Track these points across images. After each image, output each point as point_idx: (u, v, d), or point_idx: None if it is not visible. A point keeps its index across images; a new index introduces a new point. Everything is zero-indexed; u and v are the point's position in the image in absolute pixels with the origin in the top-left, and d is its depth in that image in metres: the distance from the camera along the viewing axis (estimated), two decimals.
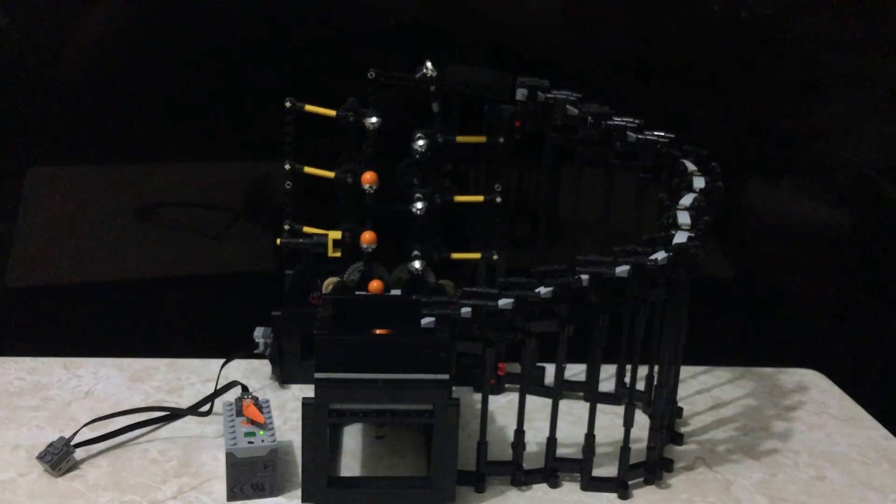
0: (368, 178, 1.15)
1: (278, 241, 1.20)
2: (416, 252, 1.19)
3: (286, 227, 1.20)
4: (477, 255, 1.23)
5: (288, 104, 1.16)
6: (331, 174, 1.18)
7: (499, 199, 1.21)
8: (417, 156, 1.16)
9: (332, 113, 1.16)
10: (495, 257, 1.22)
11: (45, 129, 1.30)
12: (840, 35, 1.36)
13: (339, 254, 1.19)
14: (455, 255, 1.22)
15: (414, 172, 1.19)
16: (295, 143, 1.18)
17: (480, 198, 1.21)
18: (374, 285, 1.18)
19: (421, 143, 1.15)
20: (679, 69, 1.35)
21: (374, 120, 1.14)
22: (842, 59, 1.37)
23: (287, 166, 1.19)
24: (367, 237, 1.17)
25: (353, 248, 1.19)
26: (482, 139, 1.19)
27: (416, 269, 1.18)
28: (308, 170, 1.19)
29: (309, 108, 1.17)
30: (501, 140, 1.18)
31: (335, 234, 1.18)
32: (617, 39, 1.35)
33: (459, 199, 1.21)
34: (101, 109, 1.30)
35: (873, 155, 1.44)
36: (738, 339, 1.44)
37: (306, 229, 1.21)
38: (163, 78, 1.29)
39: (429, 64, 1.13)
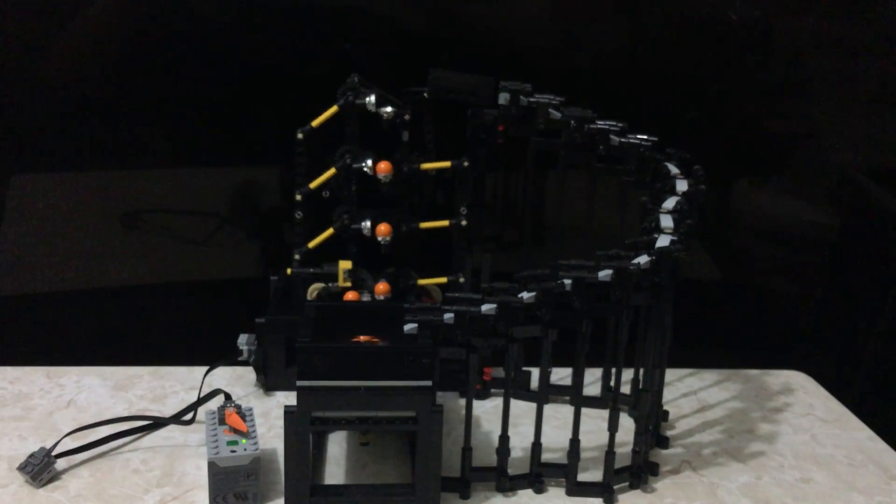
0: (383, 167, 1.14)
1: (288, 270, 1.19)
2: (382, 280, 1.19)
3: (297, 257, 1.19)
4: (443, 280, 1.22)
5: (300, 136, 1.14)
6: (332, 171, 1.16)
7: (464, 223, 1.20)
8: (382, 184, 1.15)
9: (335, 109, 1.14)
10: (461, 280, 1.21)
11: (29, 135, 1.29)
12: (826, 37, 1.37)
13: (349, 284, 1.18)
14: (422, 282, 1.22)
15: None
16: (306, 174, 1.16)
17: (446, 223, 1.20)
18: (350, 296, 1.18)
19: (382, 176, 1.14)
20: (665, 72, 1.35)
21: (373, 99, 1.13)
22: (827, 61, 1.38)
23: (298, 197, 1.17)
24: (383, 229, 1.15)
25: (350, 231, 1.17)
26: (447, 164, 1.17)
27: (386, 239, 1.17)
28: (314, 185, 1.16)
29: (316, 122, 1.15)
30: (466, 163, 1.17)
31: (346, 265, 1.17)
32: (603, 43, 1.35)
33: (425, 225, 1.20)
34: (85, 116, 1.29)
35: (859, 156, 1.44)
36: (724, 342, 1.44)
37: (310, 244, 1.19)
38: (148, 84, 1.29)
39: (388, 109, 1.13)
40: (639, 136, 1.15)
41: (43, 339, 1.34)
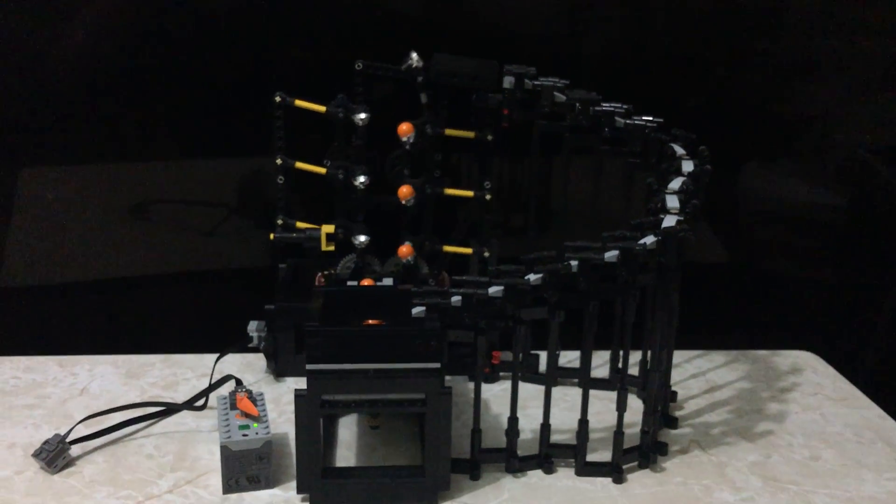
0: (405, 192, 1.15)
1: (271, 235, 1.20)
2: (406, 243, 1.19)
3: (279, 221, 1.20)
4: (468, 250, 1.23)
5: (278, 99, 1.16)
6: (322, 170, 1.18)
7: (488, 196, 1.20)
8: (407, 147, 1.16)
9: (322, 109, 1.16)
10: (487, 254, 1.22)
11: (38, 128, 1.30)
12: (834, 18, 1.36)
13: (332, 247, 1.19)
14: (447, 248, 1.22)
15: (404, 163, 1.19)
16: (286, 138, 1.18)
17: (470, 193, 1.21)
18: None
19: (410, 133, 1.15)
20: (674, 54, 1.35)
21: (363, 116, 1.14)
22: (836, 42, 1.37)
23: (279, 161, 1.18)
24: (404, 251, 1.17)
25: (345, 244, 1.19)
26: (471, 134, 1.18)
27: (409, 260, 1.18)
28: (300, 165, 1.19)
29: (299, 103, 1.16)
30: (489, 137, 1.18)
31: (328, 229, 1.18)
32: (608, 24, 1.35)
33: (450, 191, 1.21)
34: (92, 109, 1.30)
35: (868, 137, 1.44)
36: (732, 322, 1.45)
37: (299, 224, 1.21)
38: (155, 77, 1.29)
39: (414, 55, 1.13)
40: (644, 118, 1.15)
41: (55, 328, 1.36)
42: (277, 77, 1.28)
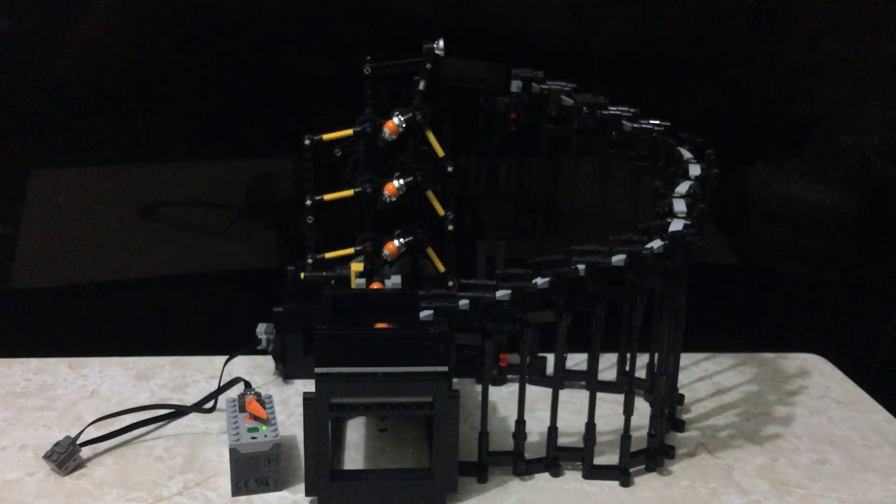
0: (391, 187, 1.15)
1: (302, 275, 1.19)
2: (397, 231, 1.18)
3: (310, 260, 1.20)
4: (442, 268, 1.22)
5: (307, 142, 1.15)
6: (350, 192, 1.17)
7: (450, 227, 1.20)
8: (385, 136, 1.14)
9: (349, 132, 1.15)
10: (450, 284, 1.21)
11: (48, 130, 1.31)
12: (842, 19, 1.36)
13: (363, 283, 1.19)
14: (429, 251, 1.21)
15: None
16: (315, 178, 1.17)
17: (441, 212, 1.20)
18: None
19: (396, 120, 1.13)
20: (680, 55, 1.35)
21: (387, 133, 1.13)
22: (844, 43, 1.37)
23: (308, 202, 1.18)
24: (391, 247, 1.17)
25: (376, 256, 1.19)
26: (440, 154, 1.17)
27: (401, 243, 1.17)
28: (328, 197, 1.17)
29: (327, 137, 1.15)
30: (449, 168, 1.16)
31: (357, 267, 1.17)
32: (615, 27, 1.35)
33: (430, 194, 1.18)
34: (103, 110, 1.31)
35: (876, 138, 1.43)
36: (739, 325, 1.45)
37: (328, 255, 1.19)
38: (163, 78, 1.30)
39: (440, 42, 1.12)
40: (651, 122, 1.15)
41: (65, 330, 1.36)
42: (286, 78, 1.29)
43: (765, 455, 1.08)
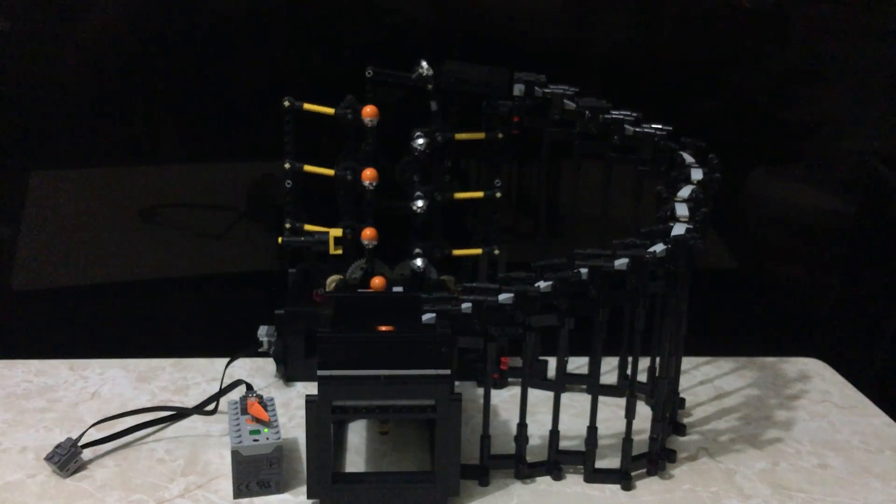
0: (368, 174, 1.16)
1: (280, 239, 1.21)
2: (417, 250, 1.20)
3: (287, 225, 1.21)
4: (478, 251, 1.23)
5: (286, 103, 1.17)
6: (331, 172, 1.19)
7: (498, 195, 1.21)
8: (416, 154, 1.16)
9: (331, 111, 1.17)
10: (496, 252, 1.23)
11: (49, 132, 1.31)
12: (842, 24, 1.36)
13: (340, 251, 1.19)
14: (456, 252, 1.23)
15: (413, 170, 1.19)
16: (295, 142, 1.19)
17: (480, 194, 1.22)
18: (376, 282, 1.19)
19: (420, 141, 1.16)
20: (681, 60, 1.35)
21: (374, 120, 1.15)
22: (844, 48, 1.38)
23: (287, 165, 1.19)
24: (368, 233, 1.17)
25: (354, 245, 1.20)
26: (481, 135, 1.19)
27: (418, 266, 1.19)
28: (308, 168, 1.19)
29: (307, 106, 1.17)
30: (500, 136, 1.18)
31: (336, 232, 1.19)
32: (617, 32, 1.36)
33: (460, 195, 1.21)
34: (103, 112, 1.31)
35: (875, 143, 1.44)
36: (740, 329, 1.45)
37: (308, 227, 1.21)
38: (164, 80, 1.30)
39: (424, 63, 1.14)
40: (653, 126, 1.15)
41: (66, 332, 1.36)
42: (287, 82, 1.29)
43: (766, 459, 1.08)
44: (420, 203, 1.17)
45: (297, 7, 1.28)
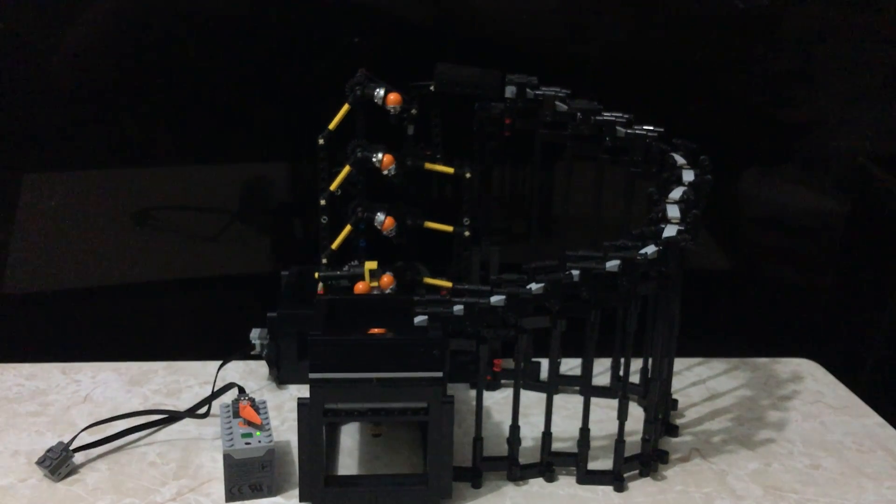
0: (386, 161, 1.14)
1: (316, 274, 1.19)
2: (388, 273, 1.19)
3: (324, 261, 1.19)
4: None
5: (321, 141, 1.15)
6: (346, 169, 1.16)
7: (467, 234, 1.20)
8: (389, 176, 1.14)
9: (347, 108, 1.15)
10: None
11: (41, 135, 1.30)
12: (834, 25, 1.37)
13: (376, 283, 1.18)
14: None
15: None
16: (329, 179, 1.16)
17: (449, 228, 1.20)
18: (360, 287, 1.18)
19: (387, 171, 1.14)
20: (673, 61, 1.35)
21: (381, 93, 1.13)
22: (835, 49, 1.38)
23: (323, 202, 1.17)
24: (387, 223, 1.16)
25: (367, 224, 1.18)
26: (450, 170, 1.18)
27: (392, 289, 1.18)
28: (334, 186, 1.16)
29: (333, 124, 1.15)
30: (468, 175, 1.18)
31: (371, 265, 1.17)
32: (608, 34, 1.36)
33: (430, 225, 1.19)
34: (95, 114, 1.31)
35: (867, 144, 1.44)
36: (733, 330, 1.45)
37: (334, 245, 1.18)
38: (156, 82, 1.30)
39: (391, 107, 1.12)
40: (645, 127, 1.16)
41: (58, 335, 1.36)
42: (282, 83, 1.29)
43: (758, 460, 1.08)
44: (389, 168, 1.14)
45: (293, 9, 1.28)
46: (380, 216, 1.16)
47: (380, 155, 1.14)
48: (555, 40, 1.34)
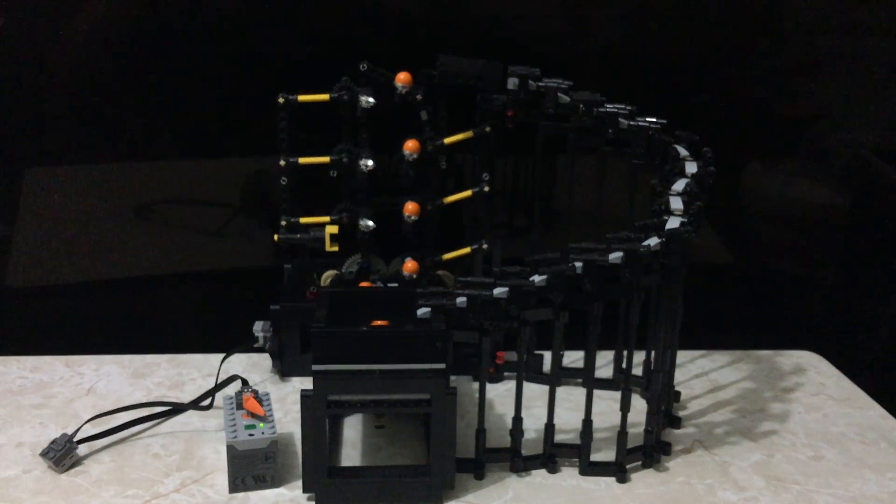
0: (410, 208, 1.15)
1: (276, 236, 1.21)
2: (409, 258, 1.19)
3: (283, 222, 1.20)
4: (467, 250, 1.22)
5: (281, 100, 1.16)
6: (325, 159, 1.17)
7: (487, 189, 1.20)
8: (410, 160, 1.15)
9: (326, 97, 1.16)
10: (485, 246, 1.22)
11: (43, 129, 1.30)
12: (838, 17, 1.36)
13: (336, 248, 1.19)
14: (446, 256, 1.22)
15: (409, 166, 1.18)
16: (289, 138, 1.18)
17: (468, 193, 1.21)
18: (410, 265, 1.18)
19: (410, 154, 1.15)
20: (676, 53, 1.35)
21: (370, 99, 1.14)
22: (839, 42, 1.38)
23: (282, 162, 1.18)
24: (410, 207, 1.16)
25: (350, 231, 1.19)
26: (469, 134, 1.18)
27: (413, 276, 1.18)
28: (303, 160, 1.18)
29: (302, 98, 1.16)
30: (487, 129, 1.18)
31: (332, 229, 1.18)
32: (611, 26, 1.35)
33: (450, 199, 1.20)
34: (97, 108, 1.31)
35: (870, 137, 1.44)
36: (736, 322, 1.45)
37: (303, 220, 1.20)
38: (158, 76, 1.30)
39: (399, 86, 1.13)
40: (648, 119, 1.15)
41: (62, 328, 1.36)
42: (281, 77, 1.29)
43: (761, 451, 1.08)
44: (411, 218, 1.16)
45: (291, 2, 1.28)
46: (365, 223, 1.17)
47: (370, 162, 1.14)
48: (557, 32, 1.34)
